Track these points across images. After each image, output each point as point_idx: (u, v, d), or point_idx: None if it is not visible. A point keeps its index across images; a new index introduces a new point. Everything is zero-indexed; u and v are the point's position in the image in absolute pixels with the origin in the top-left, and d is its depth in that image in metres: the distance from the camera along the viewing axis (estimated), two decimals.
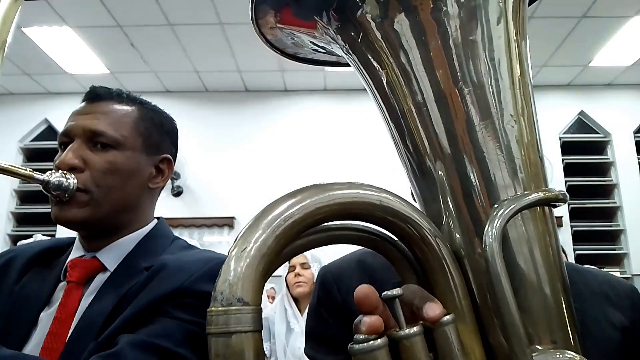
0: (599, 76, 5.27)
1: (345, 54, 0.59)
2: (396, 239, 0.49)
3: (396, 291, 0.43)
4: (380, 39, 0.54)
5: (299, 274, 2.57)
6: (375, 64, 0.55)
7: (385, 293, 0.43)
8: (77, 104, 0.92)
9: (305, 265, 2.60)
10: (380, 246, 0.50)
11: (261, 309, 0.41)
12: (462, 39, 0.51)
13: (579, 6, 4.10)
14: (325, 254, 2.73)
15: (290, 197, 0.43)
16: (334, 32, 0.57)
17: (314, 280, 2.54)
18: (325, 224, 0.46)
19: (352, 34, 0.55)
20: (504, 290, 0.44)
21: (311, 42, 0.64)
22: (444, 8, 0.51)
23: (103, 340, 0.73)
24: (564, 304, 0.50)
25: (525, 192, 0.49)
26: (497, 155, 0.50)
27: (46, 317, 0.80)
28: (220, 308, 0.39)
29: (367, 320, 0.42)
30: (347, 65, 0.63)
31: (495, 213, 0.46)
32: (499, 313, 0.44)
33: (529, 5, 0.62)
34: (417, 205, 0.52)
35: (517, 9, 0.54)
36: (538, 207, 0.50)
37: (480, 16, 0.51)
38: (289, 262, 2.59)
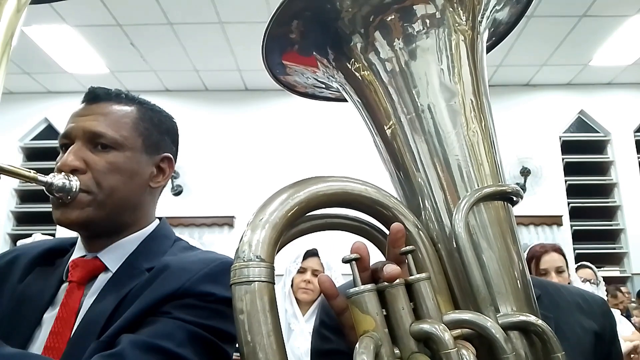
0: (599, 75, 5.27)
1: (341, 86, 0.72)
2: (382, 227, 0.59)
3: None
4: (367, 66, 0.66)
5: (309, 281, 2.48)
6: (363, 87, 0.68)
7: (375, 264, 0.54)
8: (76, 103, 0.92)
9: (317, 272, 2.51)
10: (369, 233, 0.61)
11: (274, 267, 0.50)
12: (427, 66, 0.64)
13: (578, 5, 4.10)
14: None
15: (295, 184, 0.55)
16: (332, 64, 0.70)
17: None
18: (324, 212, 0.58)
19: (346, 63, 0.68)
20: (470, 260, 0.55)
21: (315, 79, 0.77)
22: (416, 43, 0.64)
23: (105, 340, 0.73)
24: (519, 278, 0.60)
25: (484, 186, 0.60)
26: (464, 158, 0.62)
27: (50, 318, 0.80)
28: (242, 263, 0.49)
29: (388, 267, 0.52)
30: (345, 100, 0.76)
31: (460, 203, 0.58)
32: (467, 279, 0.55)
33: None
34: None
35: (474, 44, 0.67)
36: (501, 201, 0.62)
37: (445, 48, 0.64)
38: (300, 263, 2.54)
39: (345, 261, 0.53)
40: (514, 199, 0.62)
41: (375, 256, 0.58)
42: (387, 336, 0.50)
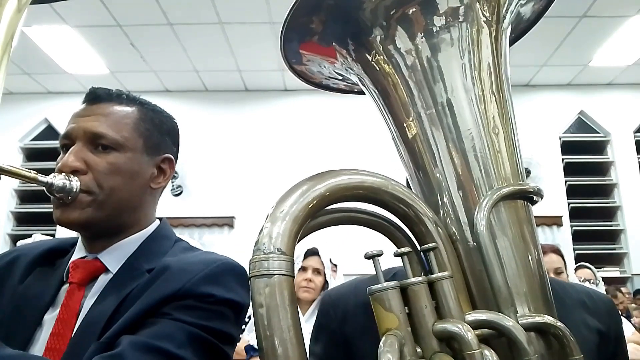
0: (599, 76, 5.27)
1: (359, 79, 0.70)
2: (400, 223, 0.59)
3: (406, 249, 0.54)
4: (387, 59, 0.65)
5: (310, 280, 2.48)
6: (383, 80, 0.66)
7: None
8: (76, 103, 0.91)
9: (318, 271, 2.51)
10: (385, 228, 0.60)
11: (293, 260, 0.49)
12: (449, 60, 0.62)
13: (579, 5, 4.10)
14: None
15: (314, 177, 0.54)
16: (351, 55, 0.68)
17: (322, 288, 2.51)
18: (342, 206, 0.57)
19: (366, 55, 0.66)
20: (491, 259, 0.54)
21: (333, 70, 0.75)
22: (438, 36, 0.62)
23: (105, 341, 0.73)
24: (538, 279, 0.59)
25: (505, 185, 0.60)
26: (484, 155, 0.61)
27: (50, 319, 0.80)
28: (262, 256, 0.48)
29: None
30: (362, 93, 0.74)
31: (482, 202, 0.57)
32: (488, 279, 0.54)
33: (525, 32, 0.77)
34: None
35: (498, 38, 0.66)
36: (521, 200, 0.61)
37: (468, 42, 0.63)
38: (301, 262, 2.52)
39: (368, 257, 0.52)
40: (534, 198, 0.61)
41: (392, 252, 0.57)
42: (409, 335, 0.50)
